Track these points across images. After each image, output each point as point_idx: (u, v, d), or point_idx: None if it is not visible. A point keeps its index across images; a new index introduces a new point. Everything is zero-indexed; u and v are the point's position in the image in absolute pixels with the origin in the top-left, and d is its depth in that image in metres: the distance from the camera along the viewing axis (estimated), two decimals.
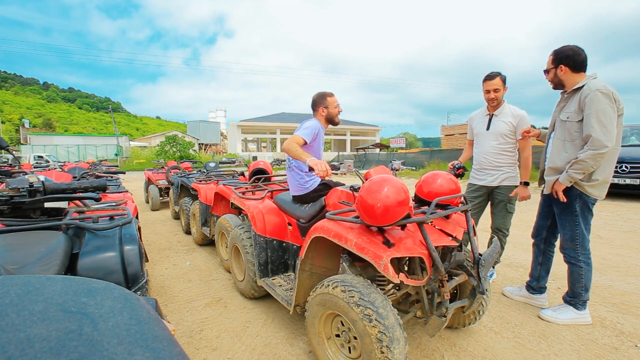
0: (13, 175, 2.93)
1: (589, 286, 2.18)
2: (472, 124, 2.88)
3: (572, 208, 2.11)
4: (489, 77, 2.58)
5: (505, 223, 2.70)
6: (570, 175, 2.00)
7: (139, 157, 27.14)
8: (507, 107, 2.64)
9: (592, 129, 1.89)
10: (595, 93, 1.89)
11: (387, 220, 1.41)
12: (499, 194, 2.68)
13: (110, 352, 0.31)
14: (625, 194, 6.88)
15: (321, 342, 1.69)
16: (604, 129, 1.87)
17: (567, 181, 2.03)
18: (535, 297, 2.44)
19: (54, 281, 0.41)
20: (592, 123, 1.89)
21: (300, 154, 2.00)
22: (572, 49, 2.03)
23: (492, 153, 2.66)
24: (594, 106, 1.89)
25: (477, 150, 2.80)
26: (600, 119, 1.88)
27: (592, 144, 1.90)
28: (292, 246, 2.42)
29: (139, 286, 1.21)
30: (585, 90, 1.94)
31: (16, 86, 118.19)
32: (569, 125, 2.04)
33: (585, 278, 2.16)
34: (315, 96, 2.41)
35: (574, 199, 2.09)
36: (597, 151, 1.89)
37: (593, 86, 1.92)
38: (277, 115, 43.32)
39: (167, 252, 3.89)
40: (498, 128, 2.62)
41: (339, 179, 7.58)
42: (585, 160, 1.93)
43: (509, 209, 2.67)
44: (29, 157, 19.36)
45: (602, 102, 1.88)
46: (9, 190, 1.35)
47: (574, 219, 2.12)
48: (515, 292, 2.54)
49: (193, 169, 6.48)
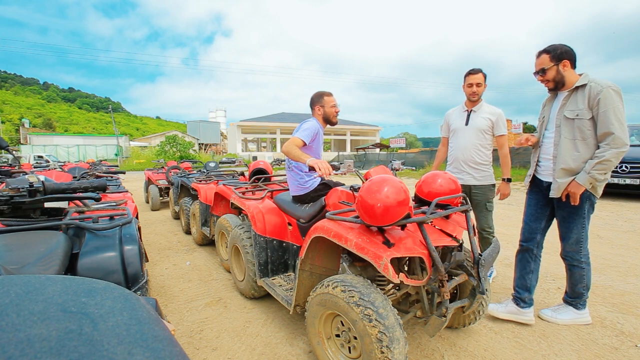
0: (13, 175, 2.93)
1: (590, 285, 2.16)
2: (448, 120, 2.87)
3: (582, 210, 2.02)
4: (473, 71, 2.62)
5: (488, 222, 2.70)
6: (592, 177, 1.89)
7: (139, 157, 27.15)
8: (484, 105, 2.67)
9: (613, 127, 1.82)
10: (608, 90, 1.84)
11: (387, 220, 1.41)
12: (477, 194, 2.68)
13: (110, 352, 0.31)
14: (625, 194, 6.88)
15: (321, 342, 1.69)
16: (622, 127, 1.82)
17: (588, 183, 1.91)
18: (525, 311, 2.19)
19: (54, 281, 0.41)
20: (612, 120, 1.82)
21: (300, 156, 2.01)
22: (565, 45, 1.99)
23: (470, 148, 2.66)
24: (609, 103, 1.83)
25: (453, 145, 2.79)
26: (618, 117, 1.82)
27: (615, 142, 1.82)
28: (292, 246, 2.42)
29: (139, 286, 1.21)
30: (594, 87, 1.88)
31: (16, 86, 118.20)
32: (579, 124, 1.95)
33: (587, 278, 2.13)
34: (313, 95, 2.42)
35: (584, 201, 2.00)
36: (620, 149, 1.82)
37: (604, 83, 1.86)
38: (277, 115, 43.34)
39: (167, 252, 3.89)
40: (477, 123, 2.63)
41: (339, 179, 7.58)
42: (611, 160, 1.84)
43: (489, 207, 2.69)
44: (29, 157, 19.37)
45: (615, 99, 1.83)
46: (9, 190, 1.35)
47: (582, 221, 2.03)
48: (501, 309, 2.25)
49: (193, 169, 6.48)
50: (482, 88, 2.61)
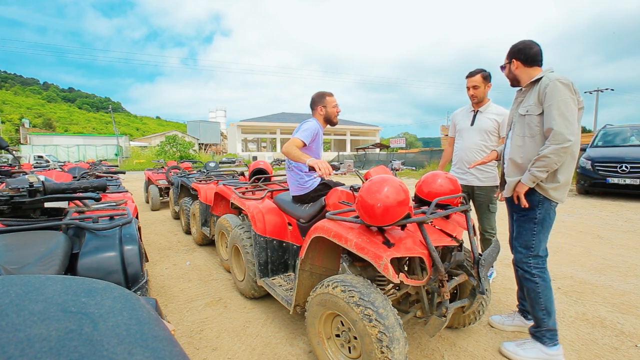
0: (13, 175, 2.93)
1: (552, 309, 1.82)
2: (455, 120, 2.87)
3: (532, 214, 1.86)
4: (470, 74, 2.61)
5: (490, 223, 2.70)
6: (533, 174, 1.77)
7: (139, 157, 27.16)
8: (492, 106, 2.65)
9: (554, 122, 1.71)
10: (555, 83, 1.72)
11: (387, 220, 1.41)
12: (480, 195, 2.67)
13: (110, 352, 0.31)
14: (625, 194, 6.88)
15: (321, 342, 1.69)
16: (566, 122, 1.69)
17: (530, 181, 1.80)
18: (530, 323, 2.02)
19: (54, 281, 0.41)
20: (554, 115, 1.71)
21: (300, 156, 2.01)
22: (523, 42, 1.90)
23: (474, 149, 2.65)
24: (554, 97, 1.72)
25: (458, 146, 2.79)
26: (562, 111, 1.70)
27: (555, 138, 1.70)
28: (292, 246, 2.42)
29: (139, 286, 1.21)
30: (544, 81, 1.77)
31: (16, 86, 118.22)
32: (529, 120, 1.84)
33: (545, 297, 1.82)
34: (314, 95, 2.42)
35: (536, 205, 1.84)
36: (561, 145, 1.69)
37: (552, 76, 1.76)
38: (277, 115, 43.36)
39: (167, 252, 3.89)
40: (482, 124, 2.63)
41: (339, 179, 7.58)
42: (549, 156, 1.72)
43: (491, 209, 2.68)
44: (29, 157, 19.38)
45: (562, 92, 1.71)
46: (9, 190, 1.35)
47: (532, 226, 1.86)
48: (507, 322, 2.13)
49: (193, 169, 6.48)
50: (481, 90, 2.59)
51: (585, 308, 2.39)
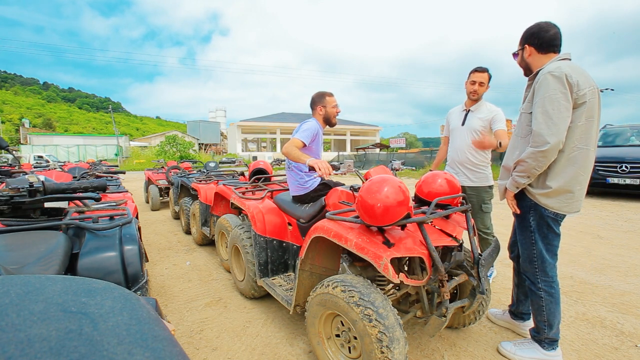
0: (13, 175, 2.93)
1: (554, 322, 1.72)
2: (449, 119, 2.87)
3: (526, 222, 1.72)
4: (479, 69, 2.59)
5: (484, 223, 2.68)
6: (514, 179, 1.64)
7: (139, 157, 27.16)
8: (484, 105, 2.65)
9: (535, 121, 1.54)
10: (546, 76, 1.52)
11: (387, 220, 1.41)
12: (472, 196, 2.66)
13: (110, 352, 0.31)
14: (625, 194, 6.88)
15: (321, 342, 1.69)
16: (548, 121, 1.49)
17: (512, 187, 1.68)
18: (518, 323, 2.06)
19: (54, 281, 0.41)
20: (536, 113, 1.54)
21: (300, 156, 2.01)
22: (538, 24, 1.65)
23: (465, 150, 2.65)
24: (543, 92, 1.52)
25: (451, 146, 2.80)
26: (545, 109, 1.50)
27: (533, 140, 1.54)
28: (292, 246, 2.42)
29: (139, 286, 1.21)
30: (540, 73, 1.58)
31: (16, 86, 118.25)
32: (523, 118, 1.69)
33: (548, 311, 1.72)
34: (314, 95, 2.42)
35: (527, 211, 1.70)
36: (538, 148, 1.52)
37: (546, 68, 1.55)
38: (277, 115, 43.37)
39: (167, 252, 3.89)
40: (472, 124, 2.63)
41: (339, 179, 7.58)
42: (526, 160, 1.56)
43: (484, 209, 2.66)
44: (29, 157, 19.38)
45: (551, 87, 1.50)
46: (9, 190, 1.35)
47: (529, 235, 1.72)
48: (499, 316, 2.19)
49: (193, 169, 6.48)
50: (485, 88, 2.59)
51: (585, 308, 2.39)
